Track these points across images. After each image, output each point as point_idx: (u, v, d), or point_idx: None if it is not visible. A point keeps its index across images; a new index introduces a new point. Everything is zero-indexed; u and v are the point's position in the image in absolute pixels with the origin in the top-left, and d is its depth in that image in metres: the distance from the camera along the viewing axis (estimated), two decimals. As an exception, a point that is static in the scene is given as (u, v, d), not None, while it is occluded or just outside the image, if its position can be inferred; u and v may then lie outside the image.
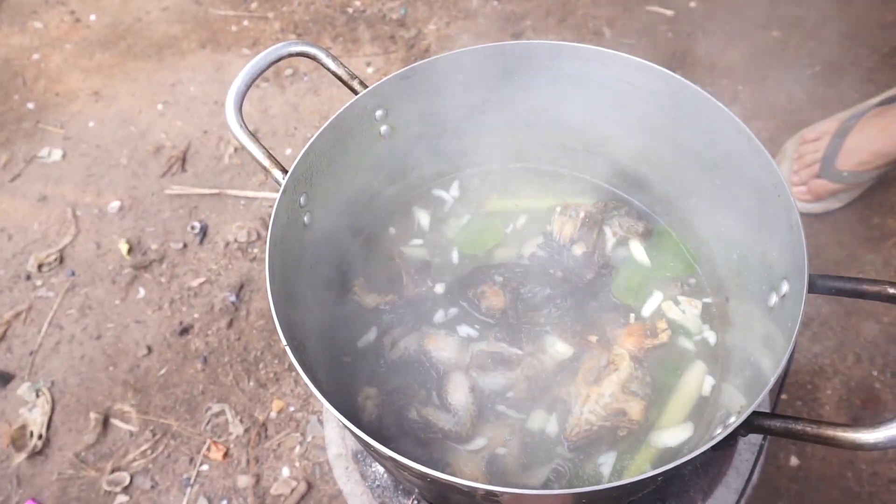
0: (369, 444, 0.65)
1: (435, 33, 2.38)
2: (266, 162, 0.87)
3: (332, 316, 1.03)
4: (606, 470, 0.89)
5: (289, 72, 2.32)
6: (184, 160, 2.13)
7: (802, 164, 1.72)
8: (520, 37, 2.34)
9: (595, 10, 2.39)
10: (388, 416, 0.93)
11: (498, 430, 0.92)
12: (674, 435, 0.89)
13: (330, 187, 0.96)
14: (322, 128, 0.88)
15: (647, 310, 1.03)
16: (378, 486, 1.09)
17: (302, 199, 0.90)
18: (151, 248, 1.94)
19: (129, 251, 1.93)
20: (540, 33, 2.34)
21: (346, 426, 0.66)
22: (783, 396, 1.63)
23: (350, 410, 0.96)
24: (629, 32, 2.32)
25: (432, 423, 0.89)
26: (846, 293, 0.72)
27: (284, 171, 0.87)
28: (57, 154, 2.16)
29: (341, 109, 0.91)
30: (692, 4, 2.36)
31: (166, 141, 2.17)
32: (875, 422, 0.58)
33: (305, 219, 0.93)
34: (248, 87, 0.88)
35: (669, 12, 2.35)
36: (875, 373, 1.65)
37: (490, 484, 0.77)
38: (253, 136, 0.87)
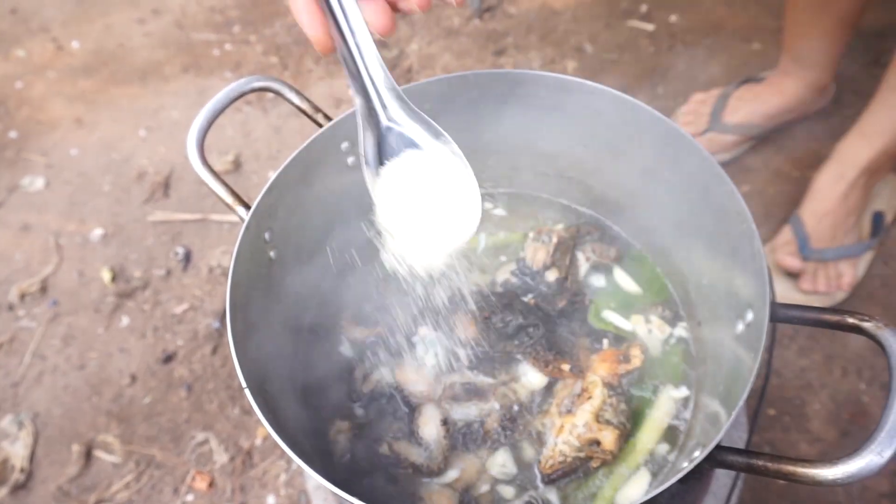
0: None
1: (417, 53, 2.39)
2: (229, 199, 0.87)
3: (305, 349, 1.02)
4: (578, 499, 0.88)
5: (271, 95, 2.31)
6: (167, 186, 2.12)
7: (692, 119, 1.98)
8: (502, 54, 2.34)
9: (576, 26, 2.40)
10: (360, 450, 0.92)
11: (471, 462, 0.91)
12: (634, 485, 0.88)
13: (297, 221, 0.95)
14: (285, 163, 0.88)
15: (620, 330, 1.03)
16: (357, 518, 1.08)
17: (267, 235, 0.89)
18: (135, 276, 1.93)
19: (113, 279, 1.92)
20: (522, 51, 2.35)
21: (296, 462, 0.65)
22: (770, 412, 1.62)
23: (322, 445, 0.95)
24: (611, 48, 2.33)
25: (403, 457, 0.88)
26: (808, 322, 0.71)
27: (247, 207, 0.86)
28: (39, 182, 2.15)
29: (304, 144, 0.90)
30: (672, 18, 2.37)
31: (149, 167, 2.17)
32: (833, 458, 0.57)
33: (272, 254, 0.92)
34: (210, 124, 0.88)
35: (650, 27, 2.36)
36: (863, 386, 1.65)
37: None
38: (214, 173, 0.87)
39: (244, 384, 0.70)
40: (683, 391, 0.98)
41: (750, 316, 0.78)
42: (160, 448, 1.65)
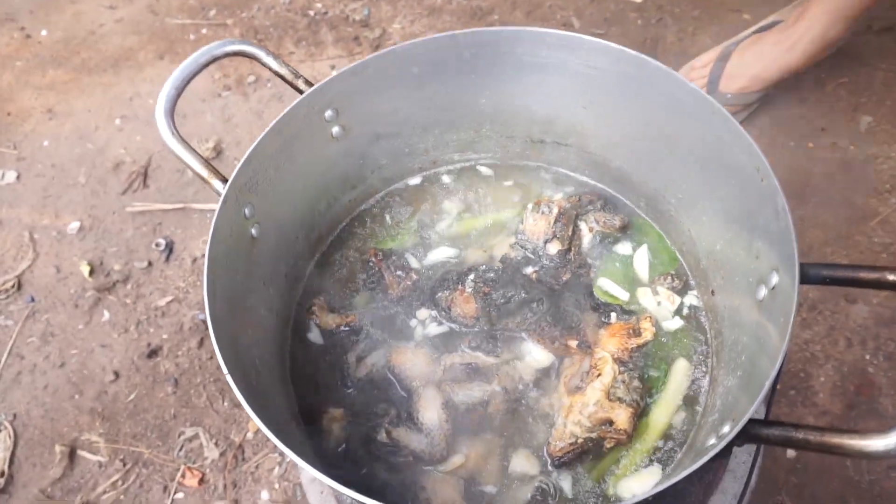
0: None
1: (400, 32, 2.33)
2: (204, 172, 0.80)
3: (293, 334, 0.96)
4: (591, 485, 0.83)
5: (251, 79, 2.25)
6: (145, 175, 2.05)
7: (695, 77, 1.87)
8: (487, 31, 2.28)
9: (562, 0, 2.34)
10: (355, 439, 0.86)
11: (475, 448, 0.86)
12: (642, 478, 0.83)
13: (280, 196, 0.89)
14: (264, 132, 0.82)
15: (627, 303, 0.98)
16: (355, 511, 1.02)
17: (247, 211, 0.83)
18: (114, 269, 1.87)
19: (91, 273, 1.86)
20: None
21: (284, 452, 0.59)
22: (776, 388, 1.59)
23: (315, 435, 0.89)
24: (598, 22, 2.28)
25: (403, 445, 0.83)
26: (841, 282, 0.66)
27: (225, 181, 0.80)
28: (11, 176, 2.08)
29: (285, 111, 0.84)
30: (661, -11, 2.32)
31: (126, 156, 2.10)
32: (885, 427, 0.52)
33: (253, 231, 0.86)
34: (180, 91, 0.81)
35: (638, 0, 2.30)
36: (868, 356, 1.61)
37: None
38: (187, 144, 0.80)
39: (225, 370, 0.65)
40: (699, 363, 0.93)
41: (775, 279, 0.73)
42: (147, 445, 1.59)
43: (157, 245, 1.89)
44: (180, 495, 1.53)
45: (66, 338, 1.75)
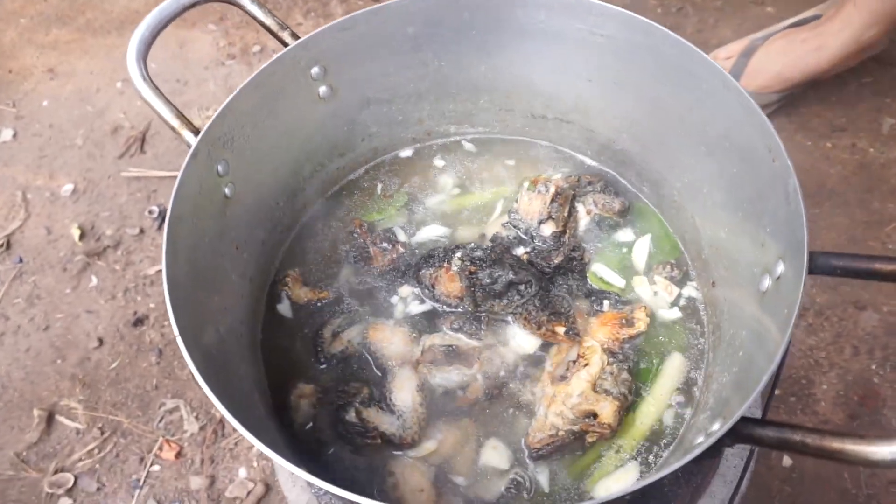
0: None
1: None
2: (175, 122, 0.75)
3: (266, 303, 0.92)
4: (569, 481, 0.78)
5: (256, 48, 2.20)
6: (143, 141, 2.02)
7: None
8: (502, 12, 2.22)
9: (581, -17, 2.28)
10: (324, 417, 0.82)
11: (449, 434, 0.81)
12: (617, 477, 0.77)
13: (259, 155, 0.84)
14: (242, 84, 0.76)
15: (622, 291, 0.93)
16: (325, 493, 0.98)
17: (220, 168, 0.78)
18: (106, 234, 1.83)
19: (82, 237, 1.82)
20: (523, 8, 2.23)
21: (237, 429, 0.54)
22: (776, 391, 1.53)
23: (282, 411, 0.84)
24: (617, 7, 2.21)
25: (372, 426, 0.78)
26: (854, 273, 0.60)
27: (197, 133, 0.74)
28: (7, 134, 2.05)
29: (266, 63, 0.79)
30: (683, -22, 2.25)
31: (125, 121, 2.06)
32: (891, 434, 0.47)
33: (227, 190, 0.81)
34: (155, 35, 0.76)
35: (659, -14, 2.23)
36: (874, 366, 1.56)
37: (438, 497, 0.66)
38: (158, 90, 0.75)
39: (177, 332, 0.60)
40: (693, 358, 0.87)
41: (780, 268, 0.67)
42: (127, 415, 1.56)
43: (151, 212, 1.85)
44: (156, 468, 1.49)
45: (52, 301, 1.72)
